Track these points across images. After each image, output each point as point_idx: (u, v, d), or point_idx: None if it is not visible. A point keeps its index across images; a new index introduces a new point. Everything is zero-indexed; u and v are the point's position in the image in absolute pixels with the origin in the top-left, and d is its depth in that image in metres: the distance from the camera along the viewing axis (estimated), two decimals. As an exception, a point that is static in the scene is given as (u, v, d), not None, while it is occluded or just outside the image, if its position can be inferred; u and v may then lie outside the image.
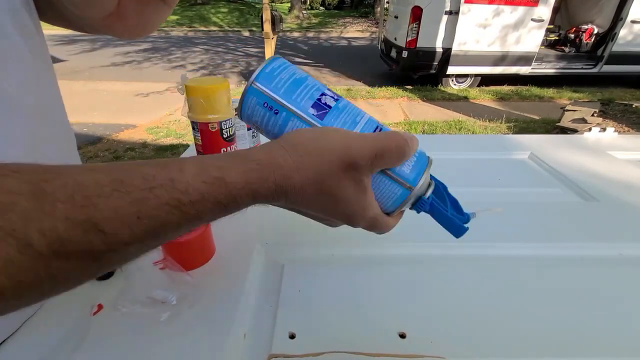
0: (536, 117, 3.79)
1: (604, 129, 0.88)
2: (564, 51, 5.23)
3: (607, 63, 4.67)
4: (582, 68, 4.86)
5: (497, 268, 0.45)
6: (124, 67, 5.94)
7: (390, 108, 4.20)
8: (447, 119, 3.78)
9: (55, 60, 5.88)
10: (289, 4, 12.67)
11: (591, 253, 0.48)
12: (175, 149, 2.95)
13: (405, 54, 4.66)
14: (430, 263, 0.45)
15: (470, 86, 4.95)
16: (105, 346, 0.34)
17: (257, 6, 12.45)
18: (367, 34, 10.02)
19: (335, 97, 0.30)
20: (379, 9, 9.98)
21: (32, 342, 0.35)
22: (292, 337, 0.36)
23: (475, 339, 0.35)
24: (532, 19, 4.38)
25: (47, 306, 0.38)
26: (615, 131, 0.88)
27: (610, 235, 0.51)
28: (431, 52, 4.62)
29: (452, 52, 4.49)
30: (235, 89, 4.50)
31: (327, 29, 10.44)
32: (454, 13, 4.32)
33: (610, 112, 3.81)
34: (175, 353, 0.34)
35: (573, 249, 0.48)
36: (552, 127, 3.39)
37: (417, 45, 4.55)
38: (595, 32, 5.02)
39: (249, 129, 0.63)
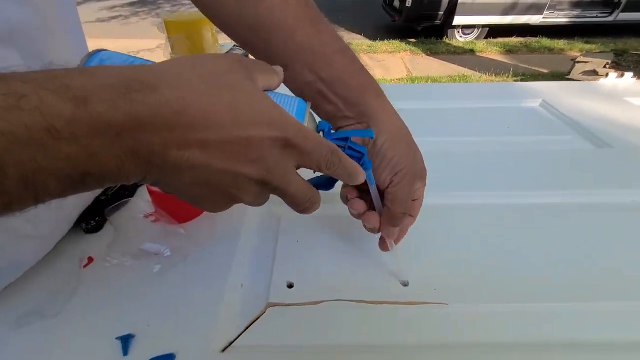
0: (545, 71, 3.63)
1: (622, 75, 0.82)
2: (579, -3, 4.88)
3: (624, 10, 4.38)
4: (596, 17, 4.57)
5: (506, 216, 0.43)
6: (111, 23, 5.62)
7: (393, 63, 4.02)
8: (452, 74, 3.63)
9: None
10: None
11: (603, 200, 0.45)
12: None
13: (409, 3, 4.37)
14: (437, 212, 0.43)
15: (477, 38, 4.69)
16: (96, 298, 0.33)
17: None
18: (368, -18, 9.33)
19: None
20: (381, -47, 9.20)
21: (23, 295, 0.33)
22: (290, 286, 0.35)
23: (480, 286, 0.34)
24: (547, -39, 4.04)
25: (38, 260, 0.37)
26: (633, 77, 0.82)
27: (623, 182, 0.49)
28: (436, 1, 4.32)
29: (459, 1, 4.20)
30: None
31: (326, -22, 9.71)
32: (463, -45, 3.98)
33: (623, 64, 3.64)
34: (170, 304, 0.33)
35: (584, 197, 0.46)
36: (561, 80, 3.26)
37: (422, -7, 4.26)
38: (615, -26, 4.65)
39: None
